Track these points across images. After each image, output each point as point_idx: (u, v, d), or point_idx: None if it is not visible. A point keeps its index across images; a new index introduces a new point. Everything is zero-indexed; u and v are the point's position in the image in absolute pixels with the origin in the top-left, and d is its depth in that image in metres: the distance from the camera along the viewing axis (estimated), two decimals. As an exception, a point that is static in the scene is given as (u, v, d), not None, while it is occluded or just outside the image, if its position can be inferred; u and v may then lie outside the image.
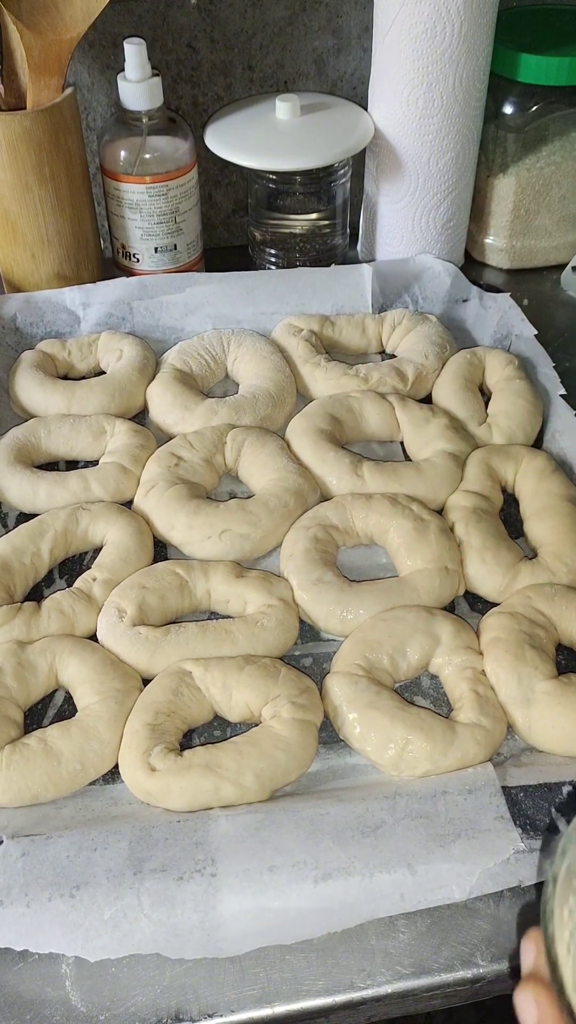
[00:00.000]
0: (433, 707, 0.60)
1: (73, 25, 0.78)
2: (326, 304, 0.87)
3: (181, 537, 0.69)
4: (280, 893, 0.49)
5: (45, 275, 0.87)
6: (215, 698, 0.59)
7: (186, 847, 0.51)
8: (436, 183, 0.89)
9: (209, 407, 0.77)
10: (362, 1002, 0.48)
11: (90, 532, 0.69)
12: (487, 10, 0.80)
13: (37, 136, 0.79)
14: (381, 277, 0.88)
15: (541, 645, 0.60)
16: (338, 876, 0.49)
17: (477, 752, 0.56)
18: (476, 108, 0.86)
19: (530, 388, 0.79)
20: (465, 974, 0.48)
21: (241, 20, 0.92)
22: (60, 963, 0.49)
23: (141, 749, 0.55)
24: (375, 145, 0.90)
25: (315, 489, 0.72)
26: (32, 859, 0.50)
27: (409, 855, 0.50)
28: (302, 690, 0.58)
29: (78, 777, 0.56)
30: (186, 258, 0.91)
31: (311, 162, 0.85)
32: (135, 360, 0.81)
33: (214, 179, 1.00)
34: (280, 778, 0.55)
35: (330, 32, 0.94)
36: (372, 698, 0.58)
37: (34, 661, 0.60)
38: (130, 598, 0.63)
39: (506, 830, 0.51)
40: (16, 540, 0.67)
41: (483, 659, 0.61)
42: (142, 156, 0.84)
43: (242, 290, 0.86)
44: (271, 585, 0.65)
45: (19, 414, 0.80)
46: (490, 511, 0.70)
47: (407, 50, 0.82)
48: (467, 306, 0.89)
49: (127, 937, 0.48)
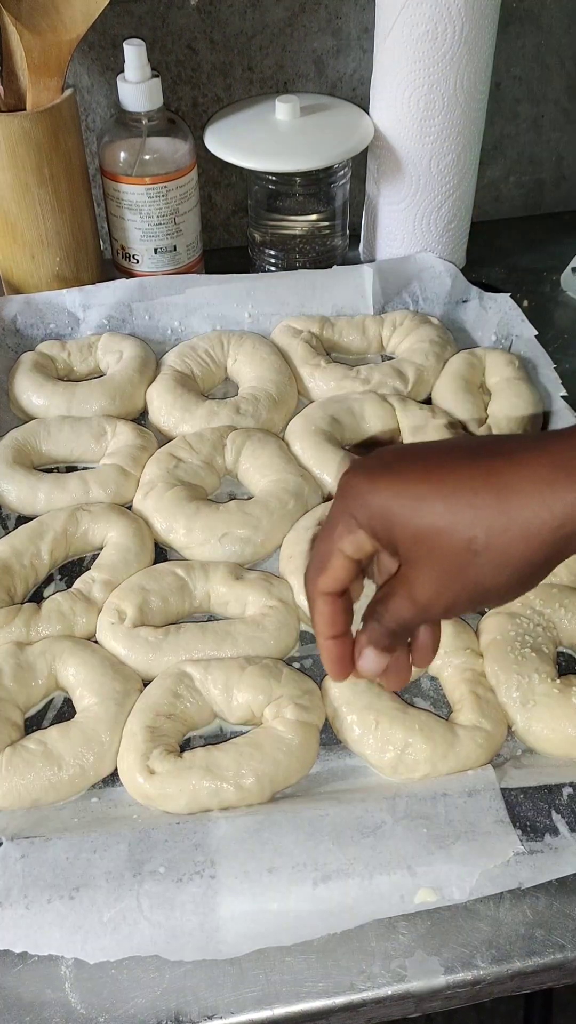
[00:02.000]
0: (433, 709, 0.60)
1: (73, 26, 0.79)
2: (326, 305, 0.87)
3: (180, 540, 0.69)
4: (279, 895, 0.49)
5: (44, 276, 0.87)
6: (215, 699, 0.59)
7: (185, 849, 0.51)
8: (437, 185, 0.89)
9: (209, 408, 0.77)
10: (362, 1004, 0.48)
11: (90, 533, 0.69)
12: (489, 11, 0.80)
13: (37, 137, 0.79)
14: (381, 275, 0.88)
15: (541, 646, 0.60)
16: (338, 877, 0.49)
17: (478, 755, 0.56)
18: (478, 109, 0.86)
19: (530, 389, 0.79)
20: (465, 976, 0.48)
21: (241, 21, 0.92)
22: (59, 965, 0.49)
23: (140, 752, 0.55)
24: (376, 147, 0.90)
25: (316, 490, 0.72)
26: (31, 861, 0.50)
27: (409, 856, 0.50)
28: (305, 691, 0.58)
29: (78, 781, 0.56)
30: (186, 259, 0.91)
31: (311, 163, 0.85)
32: (135, 361, 0.81)
33: (214, 180, 1.00)
34: (281, 780, 0.55)
35: (330, 33, 0.94)
36: (371, 700, 0.57)
37: (34, 663, 0.60)
38: (130, 599, 0.63)
39: (505, 833, 0.51)
40: (16, 541, 0.67)
41: (483, 660, 0.61)
42: (142, 157, 0.84)
43: (242, 291, 0.86)
44: (271, 586, 0.65)
45: (19, 416, 0.80)
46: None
47: (408, 51, 0.82)
48: (467, 307, 0.89)
49: (126, 939, 0.48)
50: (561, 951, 0.49)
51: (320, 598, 0.49)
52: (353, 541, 0.46)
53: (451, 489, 0.42)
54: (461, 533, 0.42)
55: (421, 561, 0.44)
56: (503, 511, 0.41)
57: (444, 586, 0.44)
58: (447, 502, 0.42)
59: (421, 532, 0.43)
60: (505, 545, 0.41)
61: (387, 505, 0.44)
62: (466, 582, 0.43)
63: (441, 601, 0.45)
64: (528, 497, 0.41)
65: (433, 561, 0.43)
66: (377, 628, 0.47)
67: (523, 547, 0.41)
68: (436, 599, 0.45)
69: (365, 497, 0.45)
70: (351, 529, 0.46)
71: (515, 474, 0.41)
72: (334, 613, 0.49)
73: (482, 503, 0.41)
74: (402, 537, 0.44)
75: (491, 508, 0.41)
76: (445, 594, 0.44)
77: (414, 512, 0.43)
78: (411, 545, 0.44)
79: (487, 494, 0.41)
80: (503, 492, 0.41)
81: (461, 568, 0.43)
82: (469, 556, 0.42)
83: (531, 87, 1.01)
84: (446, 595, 0.44)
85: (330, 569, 0.48)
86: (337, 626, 0.49)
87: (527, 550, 0.41)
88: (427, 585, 0.44)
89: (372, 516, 0.45)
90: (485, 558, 0.42)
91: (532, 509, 0.40)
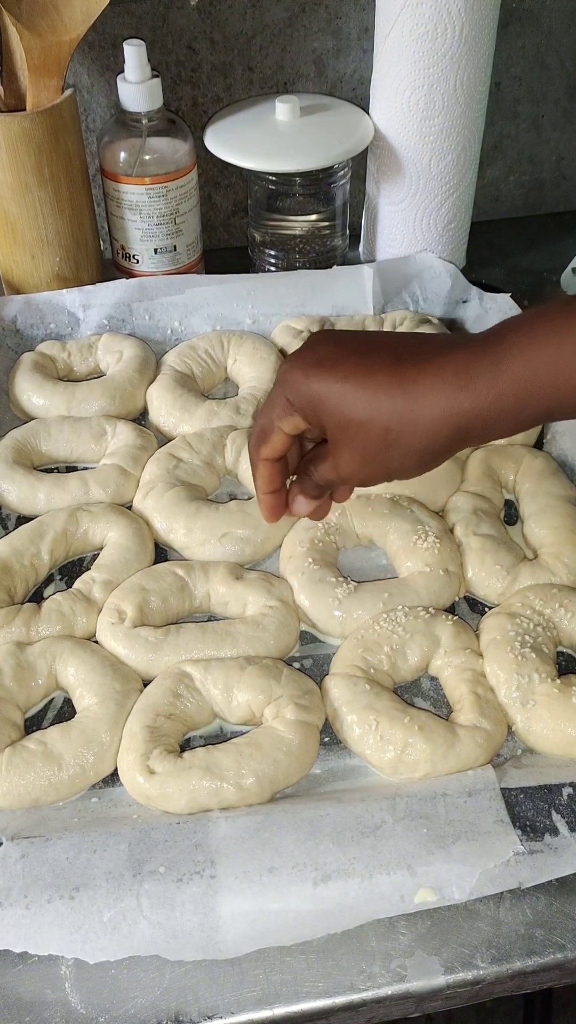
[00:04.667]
0: (433, 709, 0.60)
1: (73, 26, 0.79)
2: (326, 305, 0.87)
3: (181, 540, 0.69)
4: (280, 895, 0.49)
5: (44, 276, 0.87)
6: (216, 699, 0.59)
7: (185, 849, 0.51)
8: (437, 185, 0.89)
9: (209, 409, 0.77)
10: (362, 1004, 0.48)
11: (90, 533, 0.69)
12: (489, 11, 0.80)
13: (37, 137, 0.79)
14: (381, 275, 0.88)
15: (541, 646, 0.60)
16: (338, 877, 0.49)
17: (478, 755, 0.56)
18: (477, 109, 0.86)
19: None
20: (465, 976, 0.48)
21: (241, 21, 0.92)
22: (59, 965, 0.49)
23: (140, 752, 0.55)
24: (376, 147, 0.90)
25: (315, 490, 0.72)
26: (31, 861, 0.50)
27: (409, 856, 0.50)
28: (305, 691, 0.58)
29: (78, 781, 0.56)
30: (186, 259, 0.91)
31: (311, 163, 0.85)
32: (135, 361, 0.81)
33: (214, 180, 1.00)
34: (281, 780, 0.55)
35: (330, 33, 0.94)
36: (371, 700, 0.57)
37: (34, 663, 0.60)
38: (130, 599, 0.63)
39: (505, 833, 0.51)
40: (16, 541, 0.67)
41: (483, 660, 0.61)
42: (142, 157, 0.84)
43: (242, 291, 0.86)
44: (271, 586, 0.65)
45: (19, 416, 0.80)
46: (490, 512, 0.70)
47: (408, 51, 0.82)
48: (467, 307, 0.89)
49: (126, 939, 0.48)
50: (561, 951, 0.49)
51: (261, 463, 0.60)
52: (290, 421, 0.56)
53: (372, 389, 0.52)
54: (378, 425, 0.52)
55: (344, 444, 0.54)
56: (413, 409, 0.51)
57: (362, 465, 0.55)
58: (368, 399, 0.52)
59: (345, 421, 0.53)
60: (413, 436, 0.52)
61: (318, 396, 0.54)
62: (380, 463, 0.54)
63: (359, 475, 0.56)
64: (434, 400, 0.51)
65: (355, 446, 0.54)
66: (308, 482, 0.60)
67: (428, 439, 0.52)
68: (355, 473, 0.56)
69: (300, 387, 0.54)
70: (288, 412, 0.56)
71: (425, 380, 0.51)
72: (272, 475, 0.60)
73: (397, 402, 0.51)
74: (329, 423, 0.54)
75: (404, 407, 0.51)
76: (363, 471, 0.56)
77: (340, 404, 0.53)
78: (337, 431, 0.54)
79: (402, 396, 0.51)
80: (414, 394, 0.51)
81: (377, 453, 0.53)
82: (384, 444, 0.53)
83: (531, 87, 1.01)
84: (363, 471, 0.56)
85: (270, 442, 0.58)
86: (274, 484, 0.61)
87: (431, 442, 0.52)
88: (349, 462, 0.55)
89: (305, 403, 0.54)
90: (396, 446, 0.53)
91: (437, 410, 0.51)
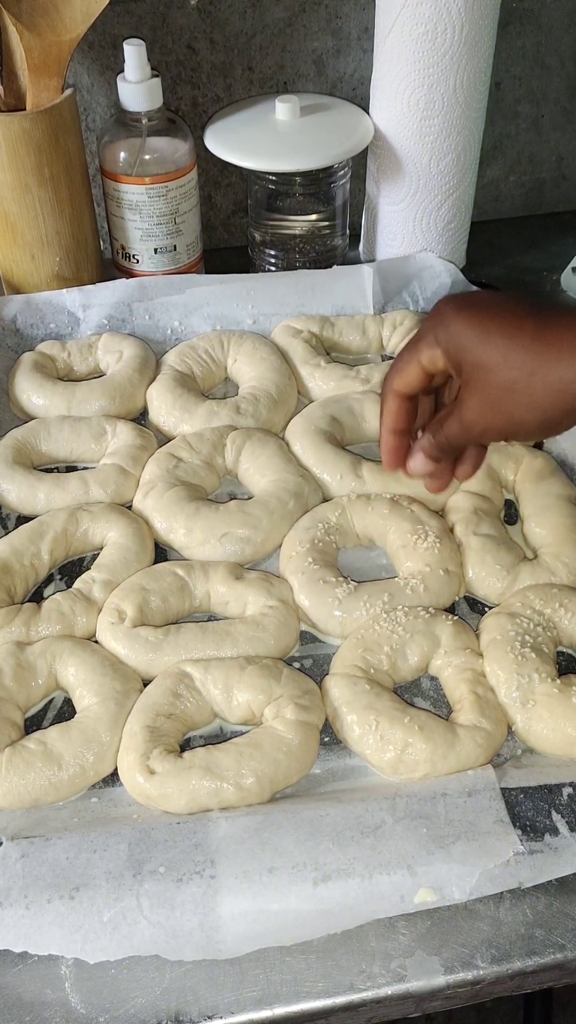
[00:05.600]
0: (433, 709, 0.60)
1: (73, 26, 0.79)
2: (326, 305, 0.87)
3: (180, 540, 0.69)
4: (279, 895, 0.49)
5: (44, 276, 0.87)
6: (216, 699, 0.59)
7: (185, 849, 0.51)
8: (437, 184, 0.89)
9: (209, 408, 0.77)
10: (362, 1004, 0.48)
11: (90, 533, 0.69)
12: (489, 11, 0.80)
13: (37, 137, 0.79)
14: (381, 275, 0.88)
15: (541, 646, 0.60)
16: (338, 877, 0.49)
17: (478, 755, 0.56)
18: (477, 109, 0.86)
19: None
20: (465, 976, 0.48)
21: (241, 21, 0.92)
22: (59, 965, 0.49)
23: (140, 752, 0.55)
24: (376, 146, 0.90)
25: (315, 490, 0.72)
26: (31, 861, 0.50)
27: (409, 856, 0.50)
28: (305, 691, 0.58)
29: (78, 781, 0.56)
30: (186, 259, 0.91)
31: (311, 163, 0.85)
32: (135, 361, 0.81)
33: (214, 180, 1.00)
34: (281, 780, 0.55)
35: (330, 33, 0.94)
36: (371, 700, 0.57)
37: (34, 663, 0.60)
38: (130, 599, 0.63)
39: (505, 833, 0.51)
40: (16, 541, 0.67)
41: (483, 660, 0.61)
42: (141, 157, 0.84)
43: (242, 291, 0.86)
44: (271, 586, 0.65)
45: (19, 416, 0.80)
46: (490, 512, 0.70)
47: (408, 51, 0.82)
48: (467, 307, 0.89)
49: (126, 939, 0.48)
50: (561, 951, 0.49)
51: (391, 395, 0.60)
52: (430, 355, 0.56)
53: (511, 336, 0.53)
54: (507, 372, 0.52)
55: (473, 385, 0.55)
56: (543, 363, 0.51)
57: (485, 411, 0.55)
58: (505, 345, 0.53)
59: (479, 362, 0.54)
60: (541, 390, 0.52)
61: (463, 333, 0.54)
62: (503, 411, 0.54)
63: (481, 423, 0.56)
64: (566, 358, 0.51)
65: (482, 388, 0.54)
66: (431, 439, 0.59)
67: (552, 396, 0.52)
68: (477, 420, 0.56)
69: (449, 322, 0.55)
70: (431, 345, 0.56)
71: (561, 338, 0.51)
72: (400, 411, 0.60)
73: (529, 354, 0.52)
74: (466, 362, 0.54)
75: (535, 359, 0.52)
76: (485, 418, 0.55)
77: (479, 345, 0.53)
78: (470, 371, 0.54)
79: (535, 347, 0.52)
80: (548, 350, 0.51)
81: (501, 399, 0.53)
82: (509, 392, 0.53)
83: (531, 87, 1.01)
84: (485, 419, 0.55)
85: (405, 374, 0.58)
86: (400, 422, 0.61)
87: (555, 399, 0.52)
88: (473, 407, 0.55)
89: (449, 338, 0.55)
90: (521, 397, 0.53)
91: (565, 368, 0.51)
